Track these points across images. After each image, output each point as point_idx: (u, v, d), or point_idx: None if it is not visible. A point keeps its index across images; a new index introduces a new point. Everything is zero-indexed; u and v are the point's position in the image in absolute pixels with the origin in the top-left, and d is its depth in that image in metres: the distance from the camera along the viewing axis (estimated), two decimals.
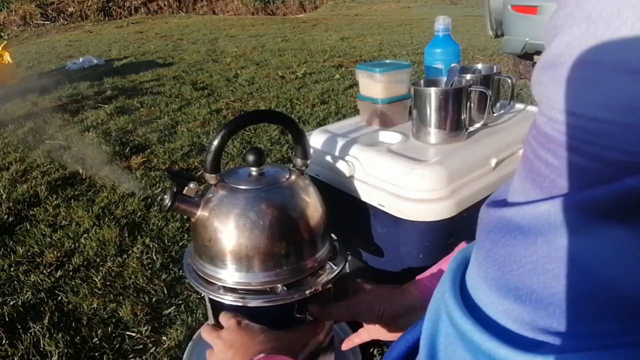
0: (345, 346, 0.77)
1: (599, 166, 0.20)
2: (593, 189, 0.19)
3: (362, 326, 0.76)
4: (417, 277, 0.67)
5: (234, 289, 0.64)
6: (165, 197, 0.63)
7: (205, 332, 0.64)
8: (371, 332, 0.72)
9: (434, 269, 0.65)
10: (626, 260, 0.19)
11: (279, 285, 0.64)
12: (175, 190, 0.63)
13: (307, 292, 0.64)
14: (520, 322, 0.23)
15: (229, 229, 0.62)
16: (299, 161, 0.71)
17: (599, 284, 0.20)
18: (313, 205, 0.67)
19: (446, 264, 0.64)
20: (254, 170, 0.67)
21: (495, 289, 0.24)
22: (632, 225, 0.19)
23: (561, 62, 0.21)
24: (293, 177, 0.68)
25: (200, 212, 0.64)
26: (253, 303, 0.63)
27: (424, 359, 0.30)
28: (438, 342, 0.29)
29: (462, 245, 0.62)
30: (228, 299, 0.63)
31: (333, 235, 0.74)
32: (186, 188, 0.64)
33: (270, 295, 0.63)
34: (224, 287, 0.64)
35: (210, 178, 0.65)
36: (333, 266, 0.68)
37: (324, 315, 0.69)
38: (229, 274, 0.64)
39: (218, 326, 0.66)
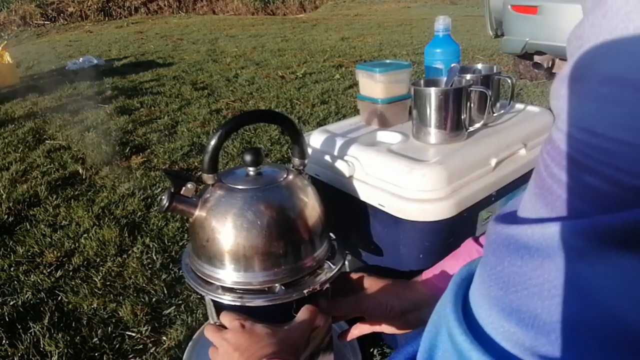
0: (342, 339, 0.76)
1: (614, 190, 0.18)
2: (607, 215, 0.18)
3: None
4: (424, 273, 0.67)
5: (233, 288, 0.64)
6: (163, 197, 0.63)
7: (209, 332, 0.64)
8: (375, 324, 0.72)
9: (440, 266, 0.65)
10: (637, 293, 0.18)
11: (277, 284, 0.63)
12: (172, 190, 0.63)
13: (305, 291, 0.63)
14: (520, 346, 0.22)
15: (227, 229, 0.62)
16: (296, 161, 0.71)
17: (605, 316, 0.19)
18: (311, 205, 0.67)
19: (452, 260, 0.64)
20: (251, 170, 0.67)
21: (497, 309, 0.24)
22: None
23: (582, 76, 0.20)
24: (291, 176, 0.68)
25: (198, 212, 0.64)
26: (252, 303, 0.63)
27: None
28: (436, 357, 0.28)
29: (470, 241, 0.62)
30: (227, 299, 0.63)
31: (332, 235, 0.74)
32: (184, 188, 0.64)
33: (269, 294, 0.63)
34: (222, 287, 0.64)
35: (208, 178, 0.64)
36: (331, 265, 0.68)
37: (331, 309, 0.69)
38: (227, 274, 0.64)
39: (221, 326, 0.65)
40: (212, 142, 0.62)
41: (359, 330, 0.74)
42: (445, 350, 0.27)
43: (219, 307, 0.68)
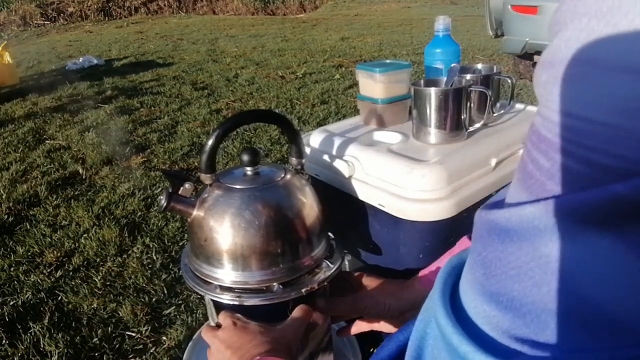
0: (341, 334, 0.77)
1: (588, 170, 0.18)
2: (579, 194, 0.18)
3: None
4: (421, 272, 0.67)
5: (231, 288, 0.64)
6: (161, 197, 0.63)
7: (203, 332, 0.64)
8: (373, 322, 0.72)
9: (436, 264, 0.66)
10: (608, 272, 0.18)
11: (275, 283, 0.63)
12: (171, 190, 0.63)
13: (303, 290, 0.63)
14: (498, 329, 0.22)
15: (225, 229, 0.62)
16: (294, 160, 0.71)
17: (578, 296, 0.19)
18: (309, 204, 0.67)
19: (448, 258, 0.64)
20: (249, 170, 0.67)
21: (480, 293, 0.24)
22: (617, 236, 0.18)
23: (559, 60, 0.20)
24: (288, 176, 0.68)
25: (196, 212, 0.64)
26: (250, 302, 0.63)
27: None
28: (426, 344, 0.29)
29: (464, 239, 0.62)
30: (225, 298, 0.63)
31: (330, 234, 0.74)
32: (182, 188, 0.64)
33: (267, 293, 0.63)
34: (220, 286, 0.64)
35: (206, 178, 0.64)
36: (329, 264, 0.68)
37: (329, 309, 0.69)
38: (226, 273, 0.64)
39: (219, 326, 0.65)
40: (209, 142, 0.62)
41: (358, 327, 0.74)
42: (436, 336, 0.27)
43: (219, 307, 0.68)
